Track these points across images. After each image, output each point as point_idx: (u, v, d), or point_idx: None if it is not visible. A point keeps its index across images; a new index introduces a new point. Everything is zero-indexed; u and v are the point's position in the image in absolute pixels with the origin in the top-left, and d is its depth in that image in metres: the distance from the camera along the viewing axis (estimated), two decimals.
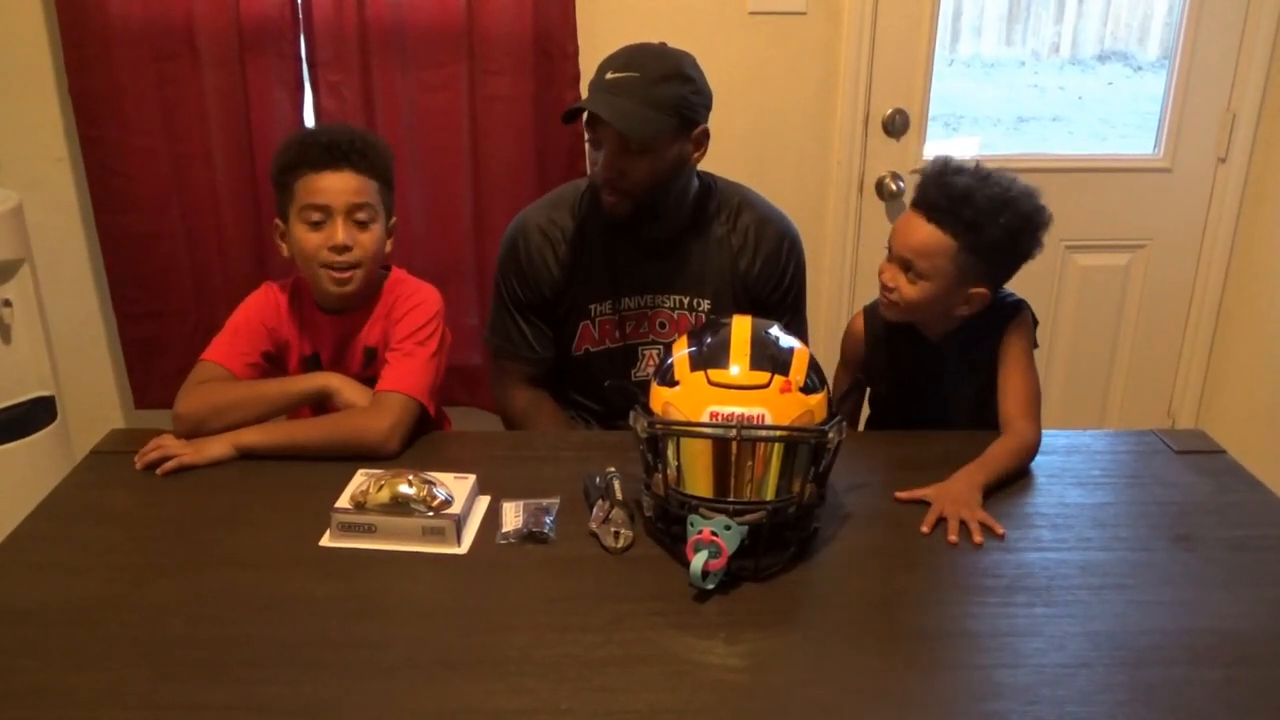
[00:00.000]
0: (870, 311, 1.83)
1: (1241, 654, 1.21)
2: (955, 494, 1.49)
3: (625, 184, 1.75)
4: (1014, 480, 1.58)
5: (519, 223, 1.91)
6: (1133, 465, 1.68)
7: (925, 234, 1.62)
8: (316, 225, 1.67)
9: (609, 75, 1.71)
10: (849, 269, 2.65)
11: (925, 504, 1.49)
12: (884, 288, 1.69)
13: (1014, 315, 1.71)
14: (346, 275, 1.69)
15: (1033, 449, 1.63)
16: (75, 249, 2.55)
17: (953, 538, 1.42)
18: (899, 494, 1.52)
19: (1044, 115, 3.35)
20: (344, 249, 1.67)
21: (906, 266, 1.65)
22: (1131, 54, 3.28)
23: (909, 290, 1.66)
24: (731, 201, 1.90)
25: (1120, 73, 3.30)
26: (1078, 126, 3.30)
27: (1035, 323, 1.74)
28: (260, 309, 1.77)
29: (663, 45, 1.76)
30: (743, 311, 1.49)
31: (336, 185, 1.67)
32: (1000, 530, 1.44)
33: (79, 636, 1.22)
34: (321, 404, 1.71)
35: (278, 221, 1.74)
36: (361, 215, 1.69)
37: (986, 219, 1.60)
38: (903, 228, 1.66)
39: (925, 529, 1.44)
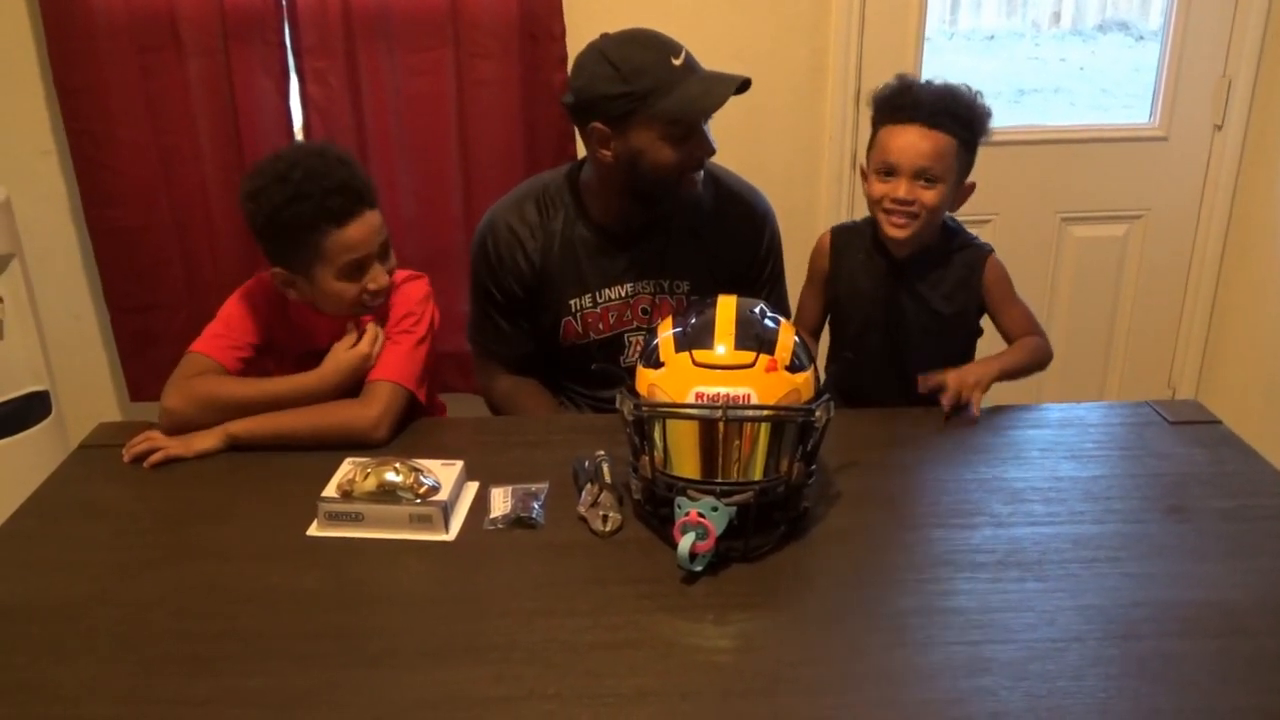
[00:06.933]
0: (838, 231, 1.89)
1: (1235, 625, 1.20)
2: (966, 373, 1.67)
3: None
4: (1029, 374, 1.75)
5: (487, 221, 1.89)
6: (1126, 437, 1.66)
7: (933, 139, 1.68)
8: (355, 276, 1.65)
9: (677, 61, 1.67)
10: None
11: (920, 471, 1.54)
12: (899, 204, 1.69)
13: (988, 257, 1.79)
14: (382, 302, 1.71)
15: (1048, 351, 1.80)
16: (66, 243, 2.54)
17: (945, 404, 1.64)
18: (921, 379, 1.68)
19: (1045, 87, 3.32)
20: (387, 290, 1.69)
21: (919, 176, 1.68)
22: (1132, 23, 3.25)
23: (930, 197, 1.69)
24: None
25: (1122, 42, 3.27)
26: (1079, 98, 3.26)
27: None
28: (253, 299, 1.75)
29: (641, 29, 1.73)
30: (722, 289, 1.47)
31: (368, 233, 1.64)
32: (977, 411, 1.64)
33: (63, 631, 1.22)
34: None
35: (279, 270, 1.65)
36: (388, 245, 1.70)
37: (972, 111, 1.71)
38: (903, 142, 1.69)
39: (922, 390, 1.66)
